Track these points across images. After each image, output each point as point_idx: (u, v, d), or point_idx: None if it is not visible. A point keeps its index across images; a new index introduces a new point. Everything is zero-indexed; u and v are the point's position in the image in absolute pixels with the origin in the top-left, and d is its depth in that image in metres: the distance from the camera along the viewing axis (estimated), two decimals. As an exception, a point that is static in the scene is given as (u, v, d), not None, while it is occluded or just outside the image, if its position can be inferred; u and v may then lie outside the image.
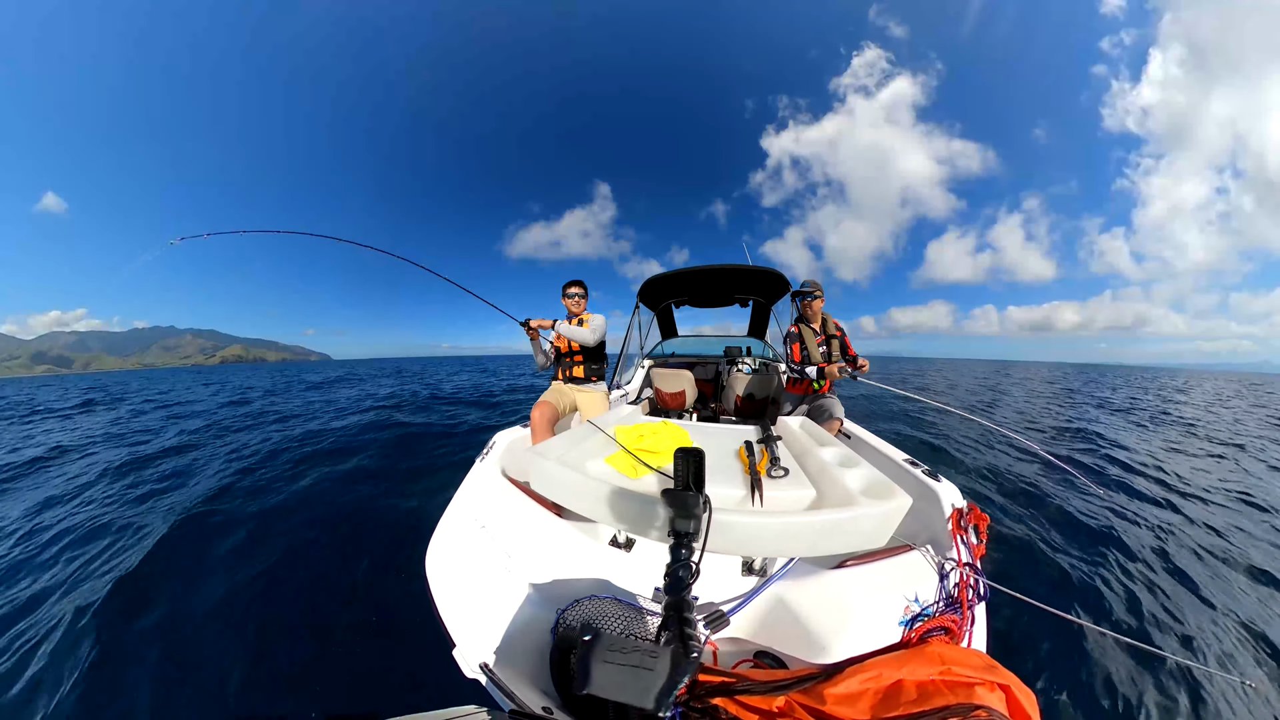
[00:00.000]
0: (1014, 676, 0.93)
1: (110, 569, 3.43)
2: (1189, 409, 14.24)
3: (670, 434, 2.05)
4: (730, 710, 0.91)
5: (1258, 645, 2.53)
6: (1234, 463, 6.86)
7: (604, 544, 1.79)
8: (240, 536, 3.92)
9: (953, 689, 0.89)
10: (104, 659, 2.50)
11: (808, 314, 3.95)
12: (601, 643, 0.78)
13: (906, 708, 0.87)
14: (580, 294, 3.77)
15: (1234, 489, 5.35)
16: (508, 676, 1.16)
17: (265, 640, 2.71)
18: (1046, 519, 4.29)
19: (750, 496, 1.45)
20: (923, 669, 0.93)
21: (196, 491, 5.12)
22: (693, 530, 1.04)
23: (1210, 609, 2.88)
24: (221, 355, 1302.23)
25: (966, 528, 1.74)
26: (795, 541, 1.21)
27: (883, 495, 1.36)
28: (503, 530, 1.81)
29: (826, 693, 0.90)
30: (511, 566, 1.61)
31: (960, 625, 1.30)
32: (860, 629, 1.35)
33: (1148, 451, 7.23)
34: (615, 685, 0.73)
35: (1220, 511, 4.58)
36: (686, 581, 0.95)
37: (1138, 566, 3.39)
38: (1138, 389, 23.60)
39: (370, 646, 2.65)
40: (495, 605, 1.46)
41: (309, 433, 8.47)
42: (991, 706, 0.85)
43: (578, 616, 1.18)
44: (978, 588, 1.47)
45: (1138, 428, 9.83)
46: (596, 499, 1.35)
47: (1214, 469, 6.46)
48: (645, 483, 1.51)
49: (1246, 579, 3.28)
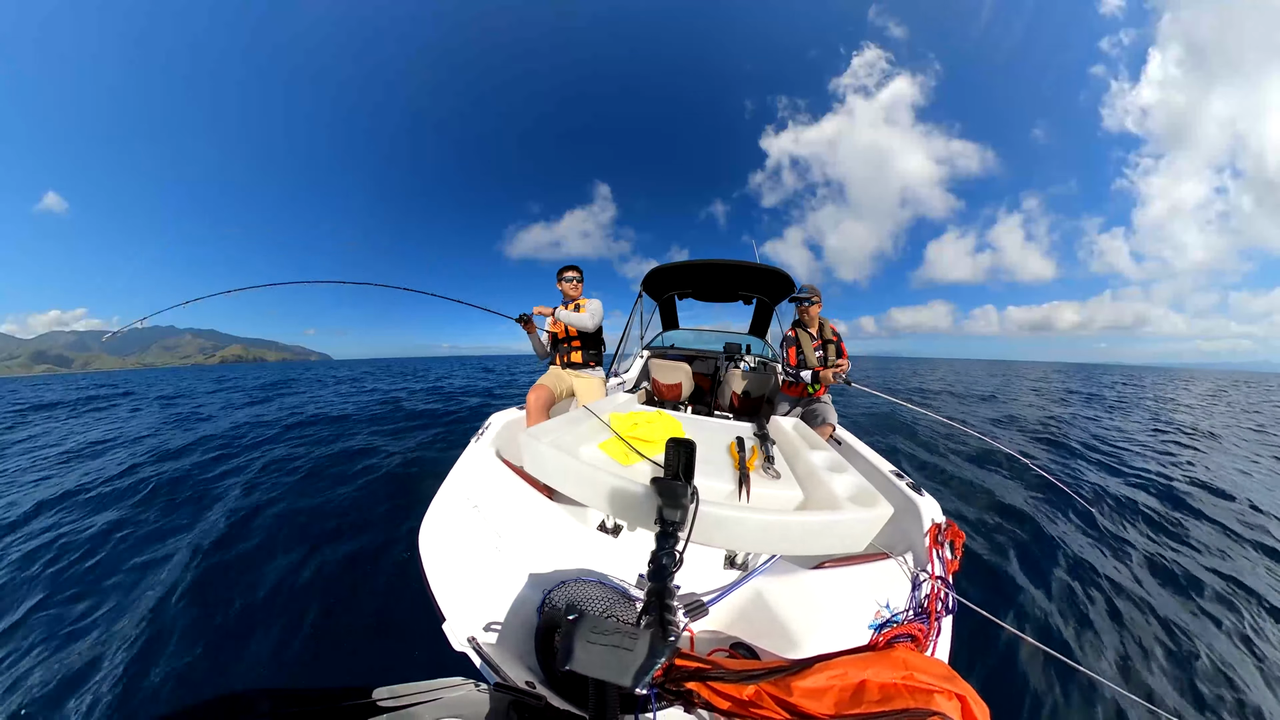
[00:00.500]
0: (971, 689, 0.98)
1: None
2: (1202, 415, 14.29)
3: (664, 424, 2.08)
4: (703, 694, 0.95)
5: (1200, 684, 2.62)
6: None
7: (593, 529, 1.83)
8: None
9: (913, 694, 0.93)
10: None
11: (805, 319, 3.98)
12: (585, 623, 0.82)
13: (868, 707, 0.91)
14: (576, 278, 3.78)
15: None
16: (494, 652, 1.20)
17: (269, 609, 2.76)
18: (1023, 538, 4.37)
19: (738, 492, 1.49)
20: (887, 672, 0.98)
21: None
22: (679, 520, 1.07)
23: (1171, 646, 2.96)
24: (221, 355, 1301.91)
25: (943, 543, 1.78)
26: (778, 539, 1.25)
27: (866, 503, 1.40)
28: (495, 510, 1.85)
29: (794, 685, 0.95)
30: (502, 546, 1.65)
31: (926, 635, 1.35)
32: (832, 628, 1.40)
33: (1139, 454, 7.34)
34: (596, 663, 0.77)
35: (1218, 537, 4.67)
36: (670, 569, 0.98)
37: (1105, 595, 3.47)
38: (1135, 385, 23.98)
39: (362, 620, 2.71)
40: (485, 583, 1.50)
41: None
42: (948, 715, 0.90)
43: (563, 597, 1.22)
44: (947, 601, 1.52)
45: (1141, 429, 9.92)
46: (588, 483, 1.38)
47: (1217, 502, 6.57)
48: (637, 470, 1.54)
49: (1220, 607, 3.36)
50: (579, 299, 3.79)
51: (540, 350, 3.77)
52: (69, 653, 2.42)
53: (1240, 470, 6.94)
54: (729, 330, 7.17)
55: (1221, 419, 12.77)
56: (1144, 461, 7.12)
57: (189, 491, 4.96)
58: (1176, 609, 3.25)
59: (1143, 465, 6.90)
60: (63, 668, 2.33)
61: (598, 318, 3.68)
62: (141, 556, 3.44)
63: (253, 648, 2.45)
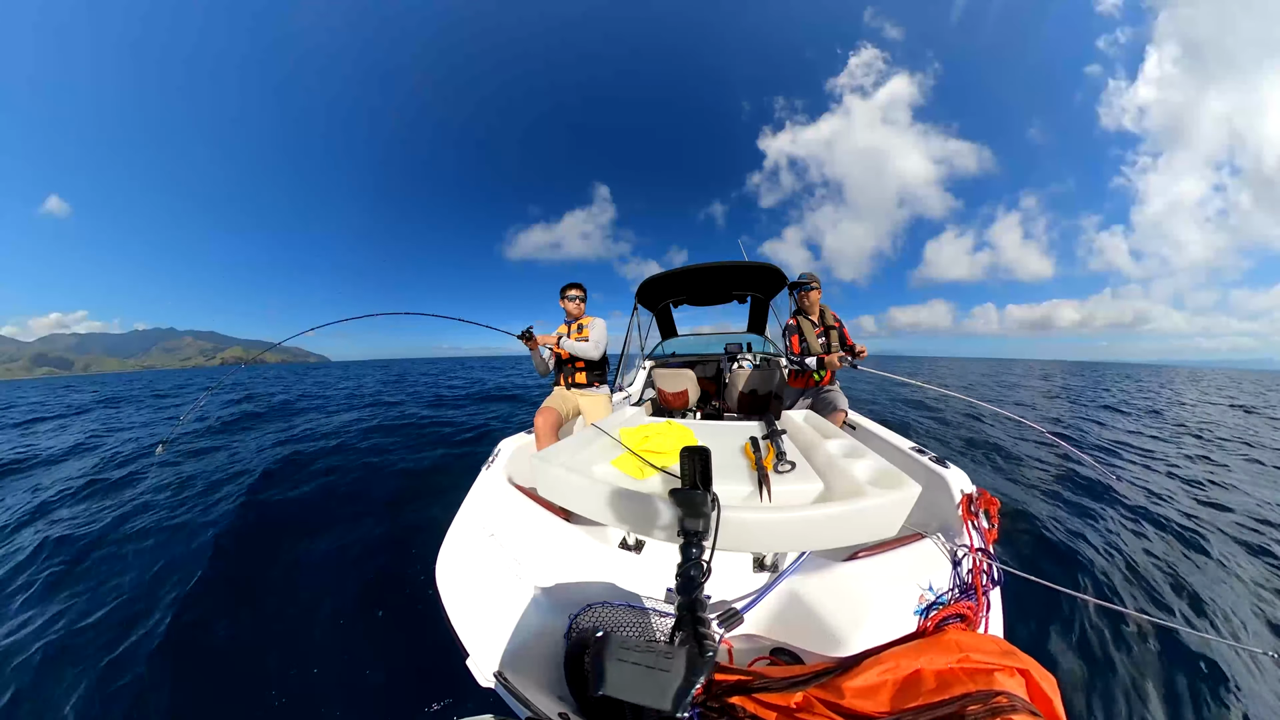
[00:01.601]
0: (1033, 660, 0.92)
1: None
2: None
3: (675, 434, 2.04)
4: (748, 709, 0.90)
5: (1272, 614, 2.53)
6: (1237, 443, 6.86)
7: (614, 547, 1.79)
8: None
9: (972, 676, 0.88)
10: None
11: (805, 305, 3.96)
12: (614, 641, 0.78)
13: (926, 697, 0.86)
14: (580, 296, 3.77)
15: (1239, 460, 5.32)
16: (522, 684, 1.16)
17: (284, 658, 2.71)
18: (1053, 499, 4.28)
19: (758, 492, 1.45)
20: (940, 658, 0.93)
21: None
22: (702, 529, 1.03)
23: (1222, 582, 2.86)
24: (222, 357, 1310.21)
25: (977, 513, 1.73)
26: (805, 535, 1.21)
27: (891, 484, 1.35)
28: (511, 537, 1.81)
29: (845, 686, 0.90)
30: (522, 573, 1.61)
31: (976, 611, 1.29)
32: (875, 620, 1.35)
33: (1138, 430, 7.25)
34: (631, 686, 0.72)
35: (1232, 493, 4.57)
36: (698, 581, 0.94)
37: (1146, 544, 3.38)
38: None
39: (385, 658, 2.65)
40: (507, 613, 1.45)
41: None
42: (1012, 692, 0.84)
43: (590, 622, 1.18)
44: (991, 573, 1.46)
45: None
46: (604, 502, 1.35)
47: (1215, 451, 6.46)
48: (652, 483, 1.50)
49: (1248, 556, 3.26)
50: (582, 318, 3.78)
51: (541, 367, 3.75)
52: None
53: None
54: (728, 331, 7.16)
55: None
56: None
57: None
58: (1231, 547, 3.16)
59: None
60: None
61: (602, 346, 3.65)
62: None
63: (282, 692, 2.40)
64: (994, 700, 0.82)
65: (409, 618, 2.94)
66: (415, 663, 2.57)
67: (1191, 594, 2.75)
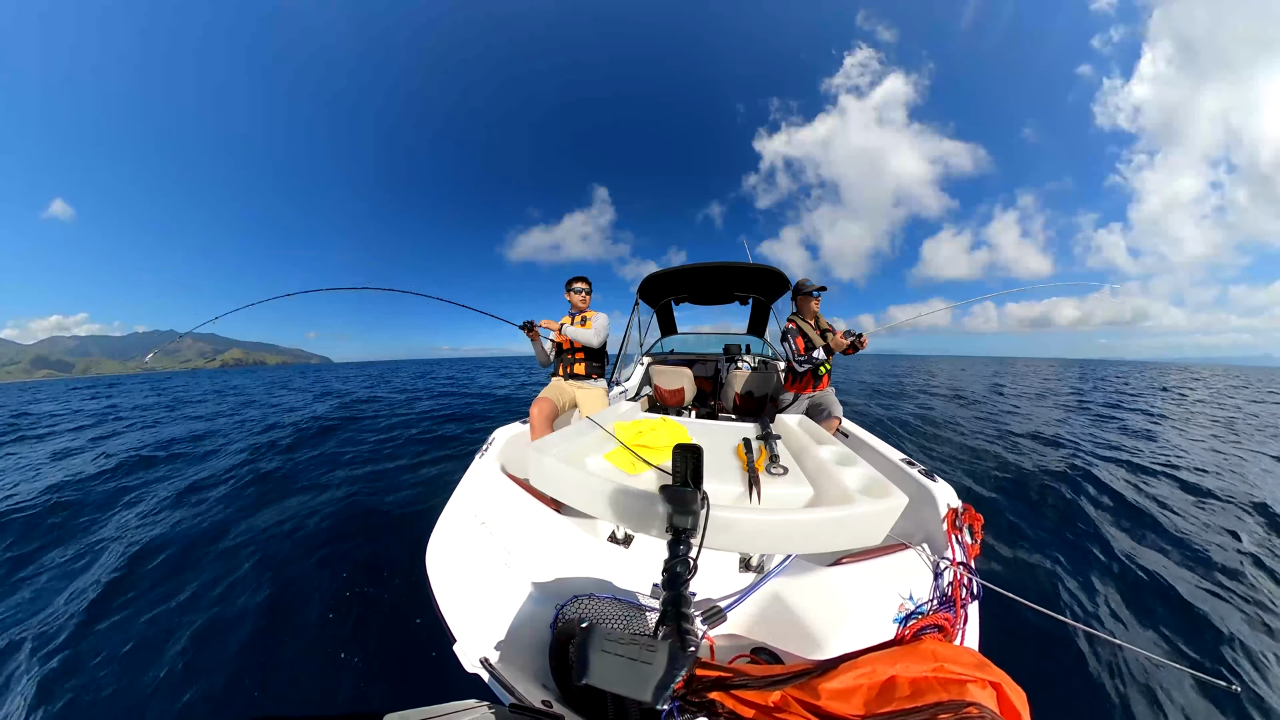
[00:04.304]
0: (1005, 675, 0.94)
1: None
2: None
3: (669, 431, 2.06)
4: (727, 704, 0.92)
5: (1241, 650, 2.57)
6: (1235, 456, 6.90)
7: (603, 540, 1.80)
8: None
9: (945, 686, 0.90)
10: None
11: (804, 310, 3.98)
12: (599, 632, 0.79)
13: (900, 703, 0.88)
14: (585, 289, 3.78)
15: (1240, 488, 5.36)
16: (508, 671, 1.17)
17: (274, 630, 2.72)
18: (1037, 516, 4.31)
19: (748, 493, 1.46)
20: (916, 666, 0.94)
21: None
22: (691, 526, 1.04)
23: (1198, 614, 2.90)
24: (222, 359, 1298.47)
25: (961, 527, 1.75)
26: (792, 538, 1.22)
27: (879, 494, 1.37)
28: (502, 526, 1.82)
29: (821, 688, 0.92)
30: (511, 562, 1.62)
31: (953, 623, 1.32)
32: (855, 626, 1.37)
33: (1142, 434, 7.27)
34: (614, 677, 0.74)
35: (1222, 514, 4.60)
36: (684, 577, 0.95)
37: (1124, 568, 3.41)
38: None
39: (372, 642, 2.66)
40: (495, 601, 1.47)
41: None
42: (983, 703, 0.86)
43: (576, 613, 1.19)
44: (971, 587, 1.49)
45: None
46: (595, 495, 1.36)
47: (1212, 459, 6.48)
48: (644, 479, 1.52)
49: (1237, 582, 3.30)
50: (586, 311, 3.80)
51: (543, 357, 3.77)
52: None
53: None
54: (728, 331, 7.16)
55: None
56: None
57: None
58: (1196, 581, 3.19)
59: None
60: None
61: (603, 335, 3.71)
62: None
63: (274, 671, 2.41)
64: (965, 710, 0.84)
65: (397, 602, 2.95)
66: (401, 647, 2.59)
67: (1168, 624, 2.79)
